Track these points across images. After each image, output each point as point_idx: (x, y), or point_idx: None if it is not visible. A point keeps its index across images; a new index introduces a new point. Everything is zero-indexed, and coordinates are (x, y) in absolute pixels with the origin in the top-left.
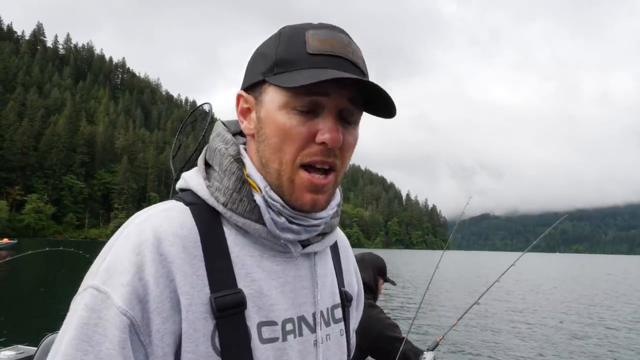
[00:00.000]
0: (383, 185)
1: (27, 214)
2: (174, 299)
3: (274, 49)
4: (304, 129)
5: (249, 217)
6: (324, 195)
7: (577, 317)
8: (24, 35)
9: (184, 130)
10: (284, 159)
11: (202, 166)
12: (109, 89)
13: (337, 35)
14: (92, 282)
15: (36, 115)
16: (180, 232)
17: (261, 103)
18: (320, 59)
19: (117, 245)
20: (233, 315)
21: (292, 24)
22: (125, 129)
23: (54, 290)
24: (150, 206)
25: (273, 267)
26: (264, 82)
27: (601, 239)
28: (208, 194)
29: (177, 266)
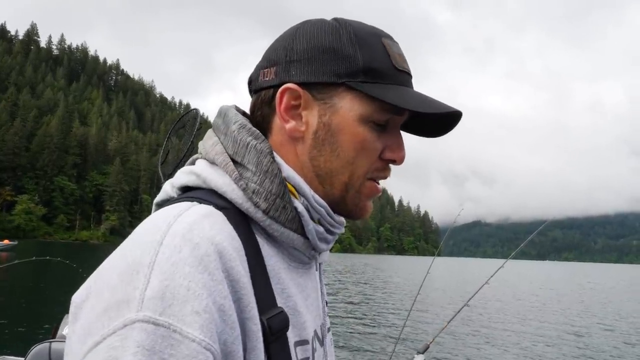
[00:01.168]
0: None
1: (18, 215)
2: (242, 325)
3: (354, 51)
4: (379, 144)
5: (289, 227)
6: None
7: (561, 323)
8: (18, 34)
9: (173, 136)
10: (356, 172)
11: (230, 162)
12: (102, 91)
13: (401, 49)
14: (139, 315)
15: (28, 115)
16: (234, 244)
17: (333, 108)
18: (403, 76)
19: (163, 261)
20: (279, 338)
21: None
22: (118, 130)
23: (41, 299)
24: (169, 208)
25: (298, 279)
26: (339, 85)
27: (591, 247)
28: (243, 198)
29: (241, 285)
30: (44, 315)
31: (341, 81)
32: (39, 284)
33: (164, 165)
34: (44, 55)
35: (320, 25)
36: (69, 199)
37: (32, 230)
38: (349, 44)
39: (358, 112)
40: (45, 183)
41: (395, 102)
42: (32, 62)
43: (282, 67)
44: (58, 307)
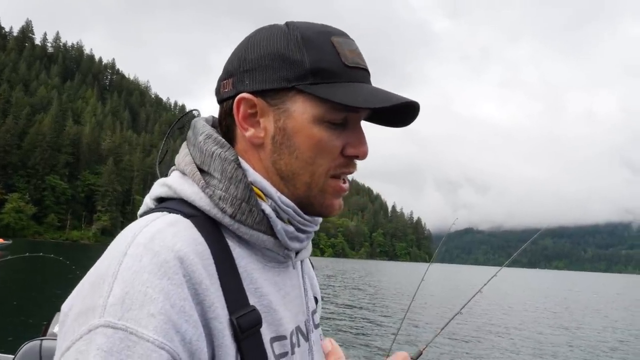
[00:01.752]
0: (369, 196)
1: (7, 214)
2: (207, 325)
3: (301, 54)
4: (338, 143)
5: (257, 229)
6: (341, 200)
7: (551, 328)
8: (12, 31)
9: (172, 136)
10: (317, 171)
11: (197, 172)
12: (97, 90)
13: (356, 45)
14: (100, 320)
15: (21, 113)
16: (197, 249)
17: (287, 112)
18: (355, 73)
19: (125, 270)
20: (251, 337)
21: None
22: (112, 130)
23: (31, 297)
24: (140, 220)
25: (275, 278)
26: (289, 90)
27: (580, 256)
28: (211, 205)
29: (204, 288)
30: (35, 313)
31: (291, 85)
32: (30, 281)
33: (162, 165)
34: (38, 52)
35: (270, 32)
36: (60, 198)
37: (21, 229)
38: (296, 47)
39: (311, 114)
40: (36, 182)
41: (342, 101)
42: (26, 59)
43: (237, 77)
44: (49, 304)
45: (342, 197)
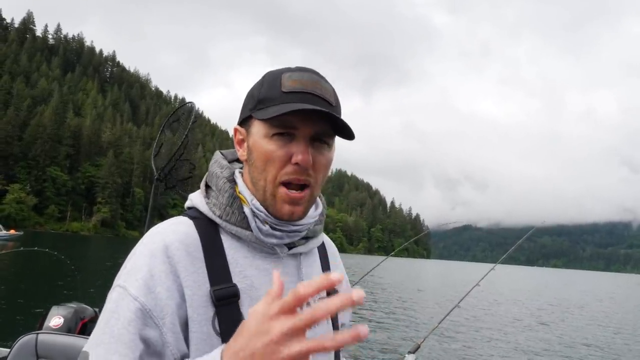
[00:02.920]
0: (368, 191)
1: (8, 204)
2: (180, 290)
3: (258, 90)
4: (281, 152)
5: (240, 226)
6: (301, 207)
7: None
8: (14, 22)
9: (167, 129)
10: (267, 177)
11: (203, 187)
12: (97, 82)
13: (308, 75)
14: (118, 282)
15: (22, 104)
16: (185, 240)
17: (250, 134)
18: (292, 96)
19: (136, 252)
20: (229, 305)
21: (274, 69)
22: (112, 123)
23: (27, 290)
24: (162, 222)
25: (264, 265)
26: (251, 117)
27: (579, 254)
28: (207, 209)
29: (182, 266)
30: (31, 307)
31: (250, 114)
32: (25, 275)
33: (157, 157)
34: (39, 44)
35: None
36: (61, 189)
37: (22, 220)
38: (258, 87)
39: (260, 132)
40: (37, 173)
41: (257, 117)
42: (27, 51)
43: (240, 115)
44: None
45: (299, 205)
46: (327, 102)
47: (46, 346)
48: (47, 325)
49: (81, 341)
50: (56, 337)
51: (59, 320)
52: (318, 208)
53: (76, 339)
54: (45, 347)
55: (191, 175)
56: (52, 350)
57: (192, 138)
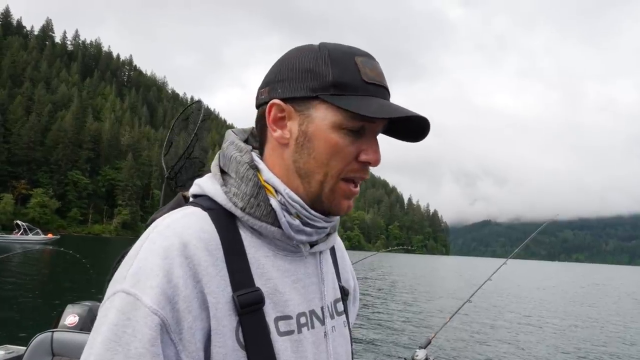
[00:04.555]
0: (385, 189)
1: (32, 208)
2: (202, 298)
3: (326, 69)
4: (353, 148)
5: (265, 220)
6: (353, 201)
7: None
8: (33, 30)
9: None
10: (330, 172)
11: (218, 173)
12: (115, 86)
13: (378, 65)
14: (121, 287)
15: (43, 110)
16: (202, 236)
17: (309, 118)
18: (372, 88)
19: (143, 251)
20: (253, 312)
21: (331, 43)
22: (131, 126)
23: (45, 290)
24: (169, 212)
25: (285, 265)
26: (314, 99)
27: (602, 248)
28: (226, 200)
29: (202, 268)
30: (47, 306)
31: (315, 95)
32: (43, 274)
33: (167, 156)
34: (58, 50)
35: (304, 50)
36: (82, 193)
37: (46, 224)
38: (323, 63)
39: (330, 120)
40: (59, 177)
41: (356, 110)
42: (47, 58)
43: (272, 86)
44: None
45: (352, 199)
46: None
47: (62, 344)
48: (62, 324)
49: None
50: (71, 335)
51: (74, 319)
52: None
53: None
54: (60, 345)
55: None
56: (67, 348)
57: (201, 136)
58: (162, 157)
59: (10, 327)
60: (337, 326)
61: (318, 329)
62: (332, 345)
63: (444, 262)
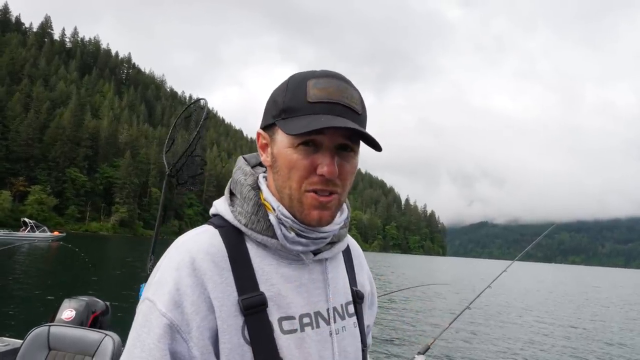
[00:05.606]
0: (383, 189)
1: (30, 205)
2: (208, 302)
3: (282, 97)
4: (306, 162)
5: (266, 234)
6: (328, 211)
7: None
8: (32, 27)
9: (179, 125)
10: (292, 185)
11: (228, 195)
12: (114, 84)
13: (334, 82)
14: (147, 294)
15: (42, 107)
16: (210, 250)
17: (274, 141)
18: (318, 106)
19: (163, 264)
20: (257, 313)
21: (299, 72)
22: (129, 124)
23: (42, 284)
24: (189, 231)
25: (289, 272)
26: (274, 125)
27: (598, 251)
28: (232, 217)
29: (208, 277)
30: (45, 299)
31: (274, 121)
32: (41, 268)
33: (169, 154)
34: (57, 47)
35: (281, 83)
36: (80, 190)
37: (43, 221)
38: (281, 93)
39: (285, 141)
40: (57, 174)
41: (285, 131)
42: (45, 55)
43: (261, 119)
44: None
45: (327, 209)
46: (354, 111)
47: (58, 338)
48: (59, 318)
49: (92, 334)
50: (68, 330)
51: (70, 313)
52: (343, 213)
53: (87, 331)
54: (57, 339)
55: (202, 172)
56: (63, 342)
57: (203, 134)
58: (163, 155)
59: (7, 320)
60: (347, 326)
61: (323, 329)
62: (338, 344)
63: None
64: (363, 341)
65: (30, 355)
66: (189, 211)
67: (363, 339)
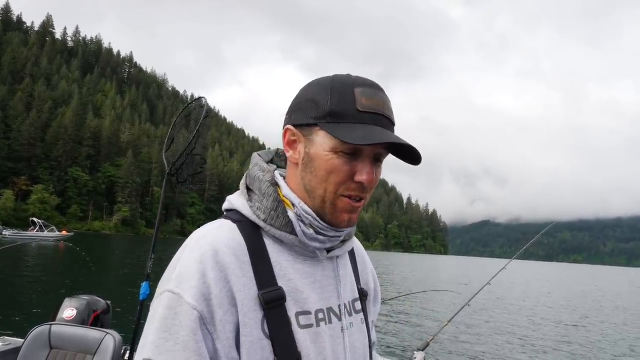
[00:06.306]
0: (384, 188)
1: (33, 204)
2: (231, 296)
3: (327, 99)
4: (347, 168)
5: (284, 230)
6: (357, 214)
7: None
8: (34, 26)
9: (178, 124)
10: (328, 188)
11: (245, 190)
12: (116, 83)
13: (379, 94)
14: (168, 287)
15: (44, 107)
16: (231, 244)
17: (312, 142)
18: (367, 116)
19: (184, 258)
20: (276, 307)
21: (341, 75)
22: (131, 123)
23: (44, 283)
24: (204, 225)
25: (305, 268)
26: (315, 125)
27: (600, 249)
28: (251, 213)
29: (231, 271)
30: (46, 299)
31: (315, 122)
32: (44, 267)
33: (169, 153)
34: (59, 47)
35: (316, 83)
36: (83, 189)
37: (46, 220)
38: (325, 94)
39: (327, 145)
40: (59, 174)
41: (340, 137)
42: (47, 54)
43: (289, 114)
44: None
45: (356, 213)
46: (393, 122)
47: (59, 337)
48: (60, 317)
49: (93, 333)
50: (69, 329)
51: (71, 312)
52: None
53: (88, 330)
54: (58, 338)
55: (202, 170)
56: (65, 341)
57: (203, 133)
58: (163, 153)
59: (8, 319)
60: (354, 323)
61: (335, 324)
62: (349, 340)
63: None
64: (369, 337)
65: (32, 354)
66: (191, 210)
67: (369, 335)
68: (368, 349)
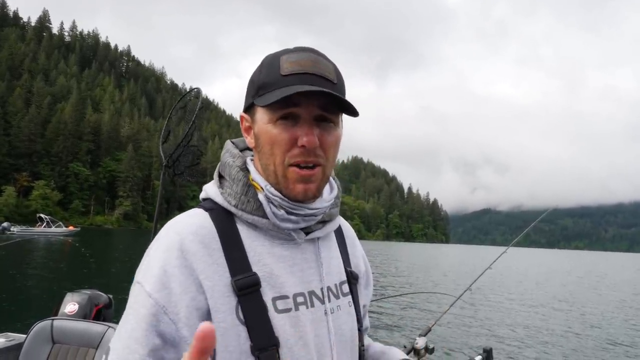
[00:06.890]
0: (385, 178)
1: (34, 200)
2: (197, 283)
3: (257, 76)
4: (286, 135)
5: (256, 214)
6: (314, 184)
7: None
8: (30, 21)
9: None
10: (275, 161)
11: (217, 177)
12: (114, 77)
13: (306, 55)
14: (137, 278)
15: (43, 102)
16: (199, 231)
17: (255, 121)
18: (291, 78)
19: (153, 248)
20: (251, 293)
21: (273, 52)
22: (130, 117)
23: (45, 278)
24: (179, 214)
25: (282, 252)
26: (254, 105)
27: (601, 236)
28: (222, 199)
29: (197, 258)
30: (47, 294)
31: (252, 101)
32: (46, 263)
33: (165, 144)
34: (56, 42)
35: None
36: (84, 184)
37: (48, 215)
38: (257, 72)
39: (264, 118)
40: (60, 169)
41: (258, 103)
42: (44, 49)
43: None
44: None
45: (311, 183)
46: (329, 80)
47: (61, 331)
48: (62, 312)
49: (95, 327)
50: (71, 323)
51: (73, 307)
52: (333, 191)
53: (90, 324)
54: (60, 333)
55: (198, 162)
56: (67, 335)
57: (199, 124)
58: (160, 146)
59: (11, 315)
60: (342, 305)
61: (318, 307)
62: (333, 323)
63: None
64: (359, 320)
65: (35, 350)
66: (193, 203)
67: (359, 318)
68: (357, 331)
